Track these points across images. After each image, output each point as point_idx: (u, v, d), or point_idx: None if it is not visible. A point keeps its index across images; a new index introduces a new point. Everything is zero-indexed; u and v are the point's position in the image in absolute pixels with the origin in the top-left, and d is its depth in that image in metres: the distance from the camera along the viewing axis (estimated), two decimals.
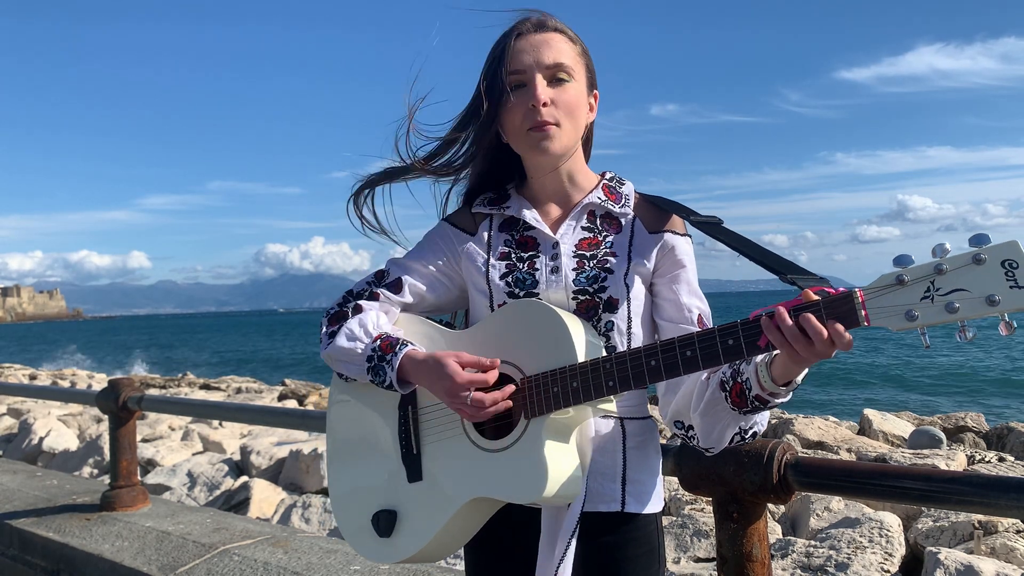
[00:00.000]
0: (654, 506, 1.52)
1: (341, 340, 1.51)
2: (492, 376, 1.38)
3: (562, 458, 1.36)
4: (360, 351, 1.49)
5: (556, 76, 1.49)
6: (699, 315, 1.50)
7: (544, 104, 1.46)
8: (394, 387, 1.46)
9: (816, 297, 1.17)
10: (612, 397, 1.34)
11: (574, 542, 1.38)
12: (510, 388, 1.37)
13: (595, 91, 1.58)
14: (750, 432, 1.41)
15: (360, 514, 1.56)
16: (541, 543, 1.43)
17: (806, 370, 1.25)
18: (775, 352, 1.23)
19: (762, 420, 1.42)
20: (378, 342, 1.48)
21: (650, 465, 1.53)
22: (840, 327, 1.13)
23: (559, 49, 1.50)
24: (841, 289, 1.17)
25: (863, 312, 1.12)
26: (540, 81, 1.47)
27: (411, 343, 1.49)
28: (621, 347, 1.47)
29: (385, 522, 1.51)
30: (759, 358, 1.28)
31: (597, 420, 1.46)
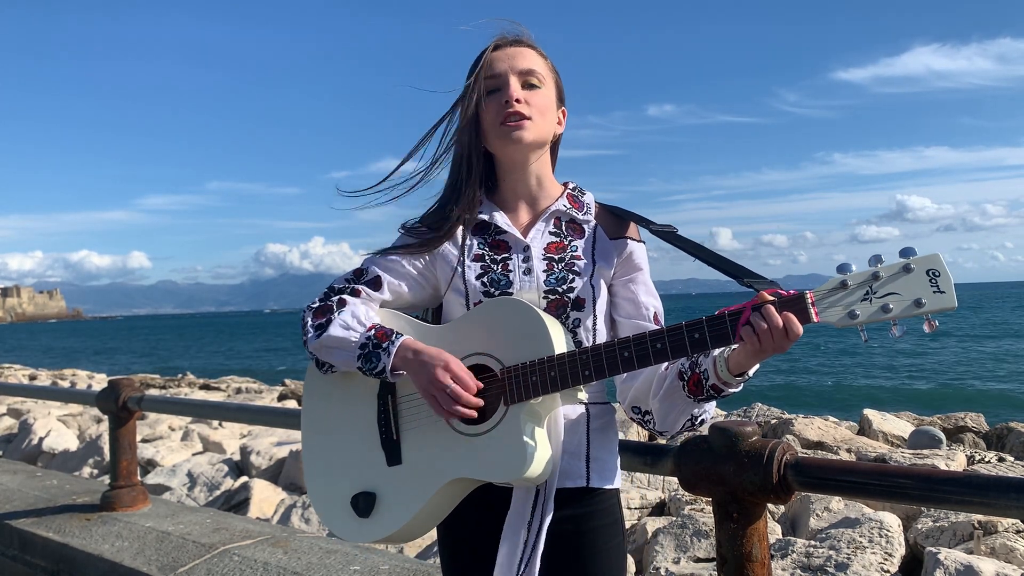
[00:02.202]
0: (615, 482, 1.67)
1: (335, 329, 1.59)
2: (474, 389, 1.49)
3: (539, 441, 1.49)
4: (354, 340, 1.57)
5: (528, 81, 1.64)
6: (655, 312, 1.67)
7: (517, 100, 1.61)
8: (386, 373, 1.54)
9: (771, 298, 1.34)
10: (583, 386, 1.49)
11: (545, 528, 1.51)
12: (480, 402, 1.49)
13: (563, 107, 1.74)
14: (699, 419, 1.59)
15: (338, 496, 1.65)
16: (508, 519, 1.54)
17: (757, 364, 1.43)
18: (733, 346, 1.41)
19: (710, 409, 1.60)
20: (373, 331, 1.57)
21: (610, 445, 1.68)
22: (794, 318, 1.31)
23: (531, 59, 1.66)
24: (793, 291, 1.35)
25: (813, 310, 1.32)
26: (514, 82, 1.62)
27: (405, 335, 1.58)
28: (587, 342, 1.62)
29: (364, 503, 1.60)
30: (717, 352, 1.46)
31: (566, 406, 1.58)
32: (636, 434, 8.21)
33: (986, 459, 7.19)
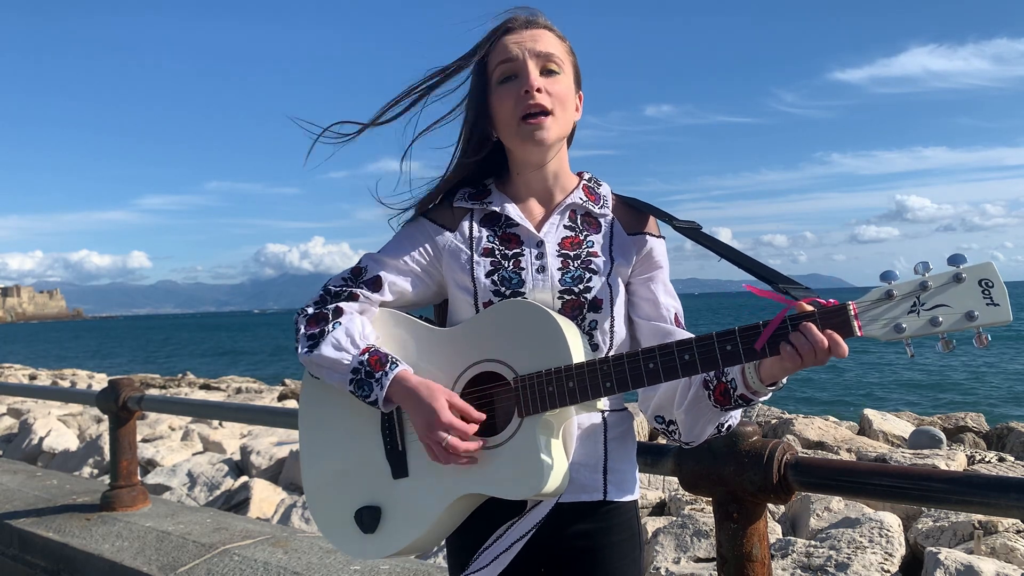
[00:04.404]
0: (633, 494, 1.58)
1: (326, 350, 1.48)
2: (472, 428, 1.39)
3: (555, 455, 1.38)
4: (346, 363, 1.47)
5: (547, 67, 1.50)
6: (675, 314, 1.55)
7: (538, 90, 1.47)
8: (378, 405, 1.45)
9: (811, 308, 1.24)
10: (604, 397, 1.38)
11: (530, 535, 1.43)
12: (480, 443, 1.39)
13: (580, 91, 1.60)
14: (726, 425, 1.48)
15: (340, 510, 1.55)
16: (512, 524, 1.46)
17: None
18: None
19: (736, 415, 1.49)
20: (366, 356, 1.46)
21: (628, 455, 1.59)
22: (838, 337, 1.20)
23: (549, 42, 1.52)
24: (833, 301, 1.24)
25: (856, 324, 1.21)
26: (533, 68, 1.48)
27: (401, 363, 1.47)
28: (603, 346, 1.51)
29: (369, 518, 1.50)
30: (744, 363, 1.32)
31: (581, 414, 1.49)
32: (636, 433, 8.22)
33: (986, 459, 7.20)
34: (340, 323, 1.51)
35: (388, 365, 1.45)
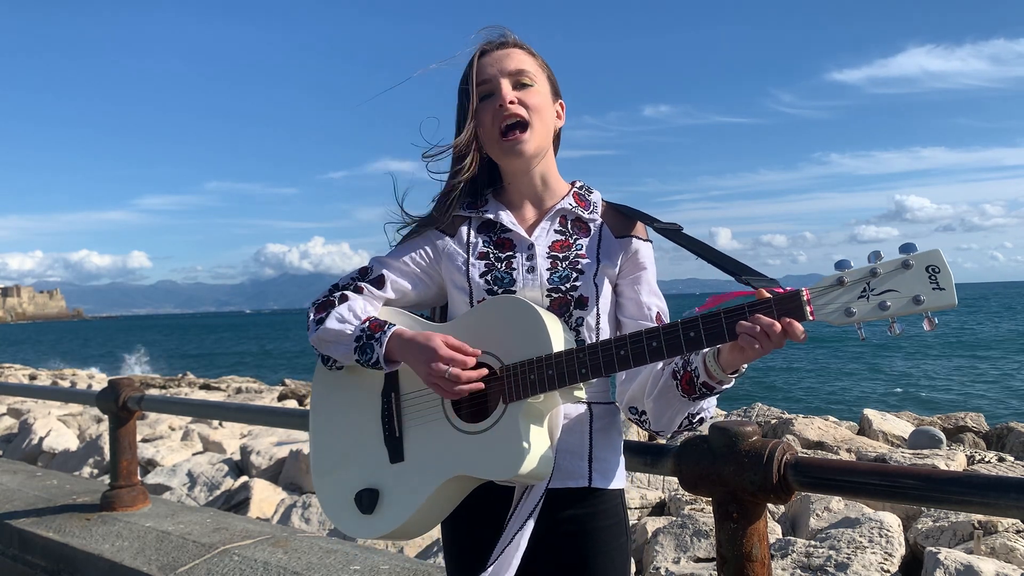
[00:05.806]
0: (618, 483, 1.67)
1: (331, 323, 1.62)
2: (471, 360, 1.49)
3: (537, 439, 1.49)
4: (349, 332, 1.60)
5: (520, 81, 1.64)
6: (657, 312, 1.66)
7: (511, 102, 1.61)
8: (380, 363, 1.56)
9: (768, 295, 1.33)
10: (583, 384, 1.48)
11: (531, 523, 1.51)
12: (483, 371, 1.49)
13: (560, 100, 1.74)
14: (698, 417, 1.58)
15: (343, 493, 1.67)
16: (510, 517, 1.54)
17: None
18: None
19: (709, 407, 1.58)
20: (367, 323, 1.60)
21: (614, 445, 1.68)
22: (793, 321, 1.29)
23: (520, 59, 1.66)
24: (789, 288, 1.33)
25: (809, 308, 1.29)
26: (505, 84, 1.63)
27: (398, 325, 1.60)
28: (590, 341, 1.60)
29: (368, 500, 1.62)
30: (706, 349, 1.42)
31: (567, 404, 1.58)
32: (636, 434, 8.20)
33: (986, 459, 7.19)
34: (344, 304, 1.64)
35: (386, 326, 1.57)
